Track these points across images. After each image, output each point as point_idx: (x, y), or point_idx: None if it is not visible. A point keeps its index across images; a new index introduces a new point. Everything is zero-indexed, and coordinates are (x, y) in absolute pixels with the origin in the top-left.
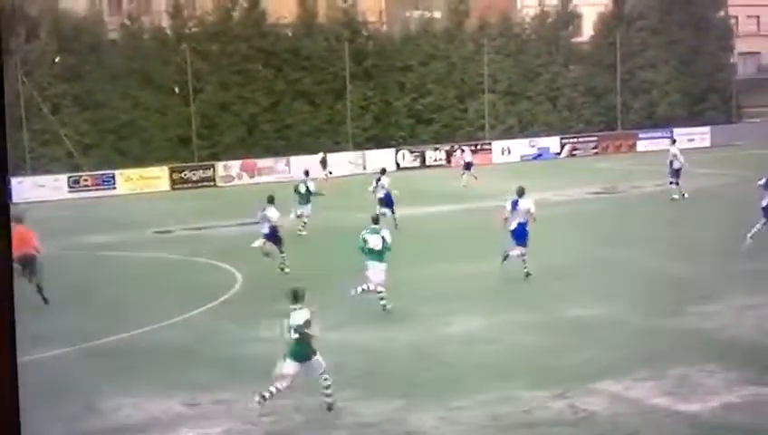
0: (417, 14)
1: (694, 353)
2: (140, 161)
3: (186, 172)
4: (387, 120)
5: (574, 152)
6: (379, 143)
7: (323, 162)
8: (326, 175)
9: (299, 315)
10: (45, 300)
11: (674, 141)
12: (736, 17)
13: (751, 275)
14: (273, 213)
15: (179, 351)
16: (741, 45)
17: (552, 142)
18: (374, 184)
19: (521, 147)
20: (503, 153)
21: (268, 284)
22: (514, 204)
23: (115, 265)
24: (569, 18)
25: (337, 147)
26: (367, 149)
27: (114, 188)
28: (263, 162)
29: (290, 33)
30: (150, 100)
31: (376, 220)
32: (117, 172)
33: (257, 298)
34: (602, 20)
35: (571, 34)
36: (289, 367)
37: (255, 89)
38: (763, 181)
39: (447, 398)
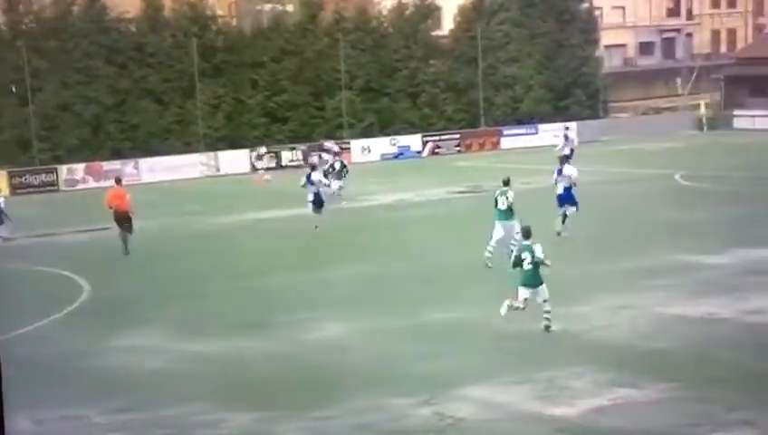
0: (268, 7)
1: (563, 356)
2: None
3: (26, 176)
4: (239, 120)
5: (437, 150)
6: (233, 144)
7: (260, 157)
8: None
9: (537, 249)
10: (127, 252)
11: (567, 128)
12: (601, 9)
13: (622, 274)
14: (317, 176)
15: (22, 365)
16: (606, 38)
17: (414, 140)
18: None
19: (381, 145)
20: (362, 152)
21: (116, 292)
22: (559, 171)
23: None
24: (427, 11)
25: (188, 148)
26: (219, 149)
27: None
28: (109, 165)
29: (133, 29)
30: None
31: (506, 183)
32: None
33: (105, 308)
34: (462, 12)
35: (431, 28)
36: (524, 293)
37: (98, 88)
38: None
39: (311, 408)
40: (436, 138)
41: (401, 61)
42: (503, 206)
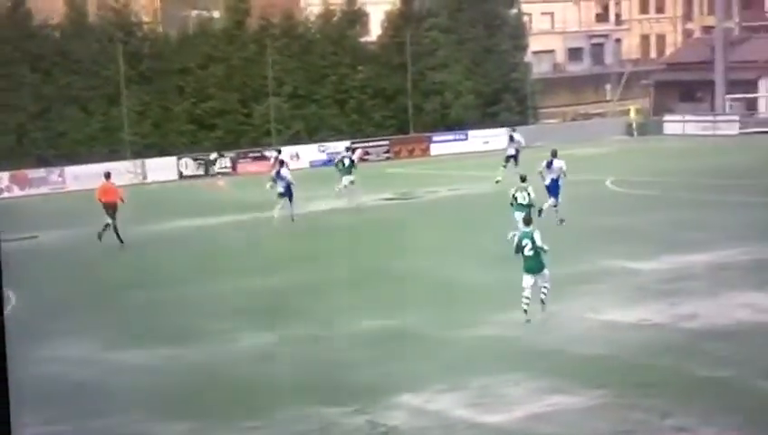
0: (194, 13)
1: (497, 363)
2: None
3: None
4: (166, 127)
5: (366, 157)
6: (160, 151)
7: (213, 162)
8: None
9: (537, 235)
10: (121, 240)
11: (513, 129)
12: (530, 14)
13: (554, 280)
14: (286, 172)
15: None
16: (535, 44)
17: (342, 147)
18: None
19: (310, 152)
20: (291, 159)
21: (43, 302)
22: (549, 163)
23: None
24: (355, 17)
25: (115, 155)
26: (146, 157)
27: None
28: (34, 173)
29: (58, 35)
30: None
31: (523, 179)
32: None
33: (31, 318)
34: (390, 19)
35: (358, 34)
36: (527, 280)
37: (22, 95)
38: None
39: (240, 418)
40: (365, 144)
41: (329, 67)
42: (523, 201)
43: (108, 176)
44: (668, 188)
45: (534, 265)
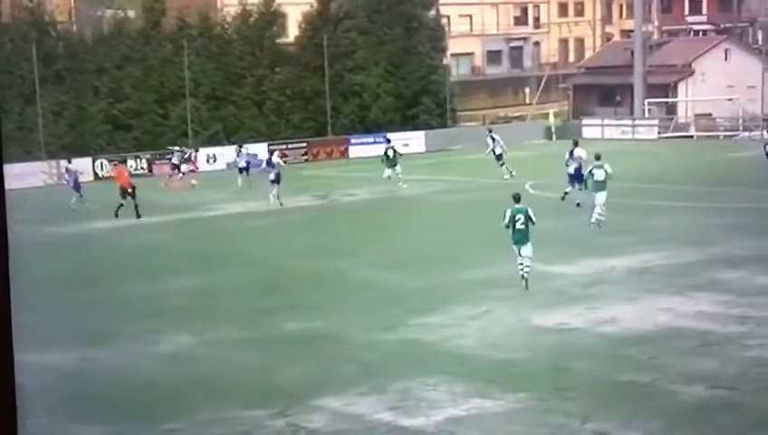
0: (109, 13)
1: (417, 367)
2: None
3: None
4: (82, 127)
5: (284, 159)
6: (75, 152)
7: (185, 160)
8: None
9: (527, 211)
10: (139, 215)
11: (490, 130)
12: (448, 17)
13: (472, 284)
14: (277, 160)
15: None
16: (454, 46)
17: (260, 149)
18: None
19: (227, 154)
20: (208, 161)
21: None
22: (571, 152)
23: None
24: (272, 18)
25: (29, 156)
26: (61, 157)
27: None
28: None
29: None
30: None
31: (598, 157)
32: None
33: None
34: (307, 20)
35: (276, 35)
36: (516, 250)
37: None
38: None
39: (159, 421)
40: (283, 146)
41: (247, 68)
42: (600, 178)
43: (123, 161)
44: (585, 192)
45: (522, 237)
